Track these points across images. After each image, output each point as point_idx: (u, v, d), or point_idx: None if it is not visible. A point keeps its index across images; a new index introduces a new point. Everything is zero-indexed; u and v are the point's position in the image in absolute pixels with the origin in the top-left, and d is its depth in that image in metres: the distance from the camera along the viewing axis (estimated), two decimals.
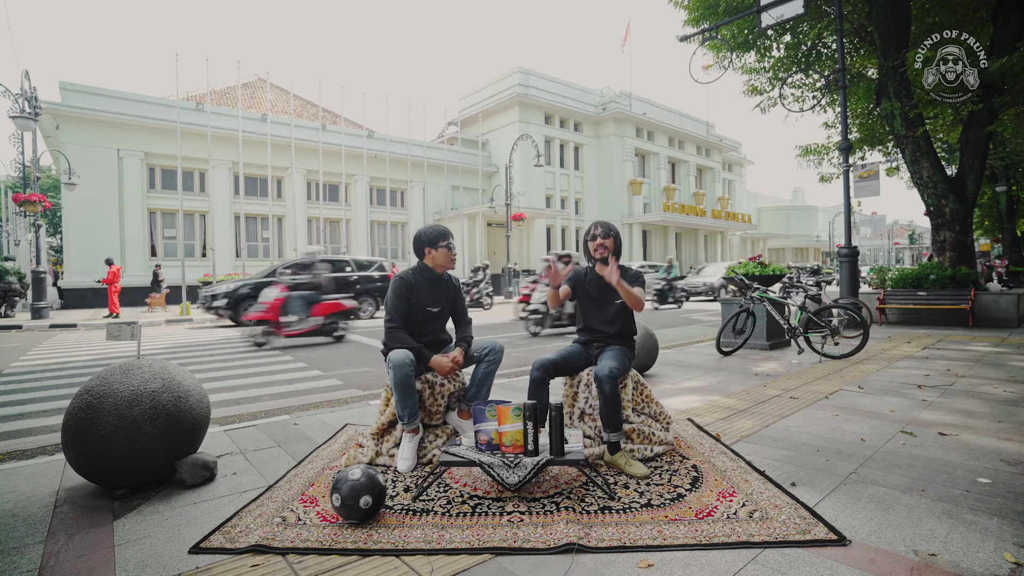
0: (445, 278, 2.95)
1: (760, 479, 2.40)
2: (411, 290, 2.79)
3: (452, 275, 3.02)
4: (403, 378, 2.55)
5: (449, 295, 2.95)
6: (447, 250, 2.85)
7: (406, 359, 2.57)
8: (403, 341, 2.68)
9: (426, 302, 2.83)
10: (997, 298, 8.60)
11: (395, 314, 2.72)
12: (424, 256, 2.86)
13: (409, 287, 2.78)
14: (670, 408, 3.71)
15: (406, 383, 2.57)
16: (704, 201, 36.34)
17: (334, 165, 21.94)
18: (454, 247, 2.88)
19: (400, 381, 2.55)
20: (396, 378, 2.55)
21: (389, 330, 2.72)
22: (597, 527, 1.97)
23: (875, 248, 60.56)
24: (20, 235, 21.79)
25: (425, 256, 2.86)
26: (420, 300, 2.81)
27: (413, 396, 2.62)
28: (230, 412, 4.20)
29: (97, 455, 2.27)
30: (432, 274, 2.88)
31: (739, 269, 6.99)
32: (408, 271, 2.86)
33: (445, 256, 2.85)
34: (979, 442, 2.87)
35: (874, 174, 12.23)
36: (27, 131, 13.29)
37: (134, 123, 18.92)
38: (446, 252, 2.85)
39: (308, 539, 1.92)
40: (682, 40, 10.46)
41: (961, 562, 1.70)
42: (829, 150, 12.48)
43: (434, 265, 2.86)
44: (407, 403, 2.60)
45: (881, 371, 4.97)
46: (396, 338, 2.69)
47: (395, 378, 2.56)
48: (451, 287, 2.97)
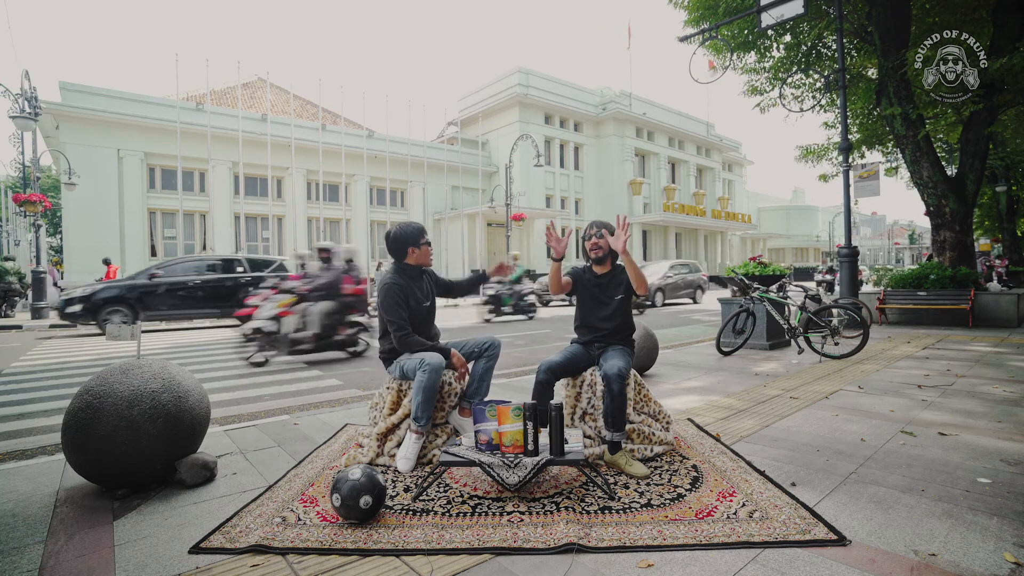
0: (426, 273, 2.99)
1: (760, 479, 2.40)
2: (408, 293, 2.79)
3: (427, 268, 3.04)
4: (436, 382, 2.58)
5: (431, 285, 2.98)
6: (428, 246, 2.88)
7: (442, 363, 2.59)
8: (421, 344, 2.69)
9: (420, 299, 2.85)
10: (997, 298, 8.60)
11: (402, 321, 2.72)
12: (407, 256, 2.86)
13: (405, 291, 2.78)
14: (670, 408, 3.71)
15: (435, 388, 2.59)
16: (704, 201, 36.34)
17: (334, 165, 21.94)
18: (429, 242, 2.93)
19: (431, 385, 2.57)
20: (430, 382, 2.56)
21: (401, 338, 2.70)
22: (597, 527, 1.97)
23: (875, 248, 60.56)
24: (20, 235, 21.78)
25: (408, 256, 2.86)
26: (416, 299, 2.83)
27: (434, 400, 2.65)
28: (230, 412, 4.20)
29: (97, 455, 2.27)
30: (415, 271, 2.89)
31: (739, 269, 6.98)
32: (394, 276, 2.83)
33: (426, 253, 2.88)
34: (979, 442, 2.87)
35: (874, 174, 12.24)
36: (27, 131, 13.29)
37: (134, 123, 18.93)
38: (427, 248, 2.88)
39: (308, 539, 1.91)
40: (682, 40, 10.46)
41: (961, 562, 1.70)
42: (828, 150, 12.49)
43: (417, 263, 2.87)
44: (430, 406, 2.61)
45: (881, 371, 4.97)
46: (412, 343, 2.69)
47: (428, 382, 2.56)
48: (429, 276, 3.01)
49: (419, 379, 2.60)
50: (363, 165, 22.66)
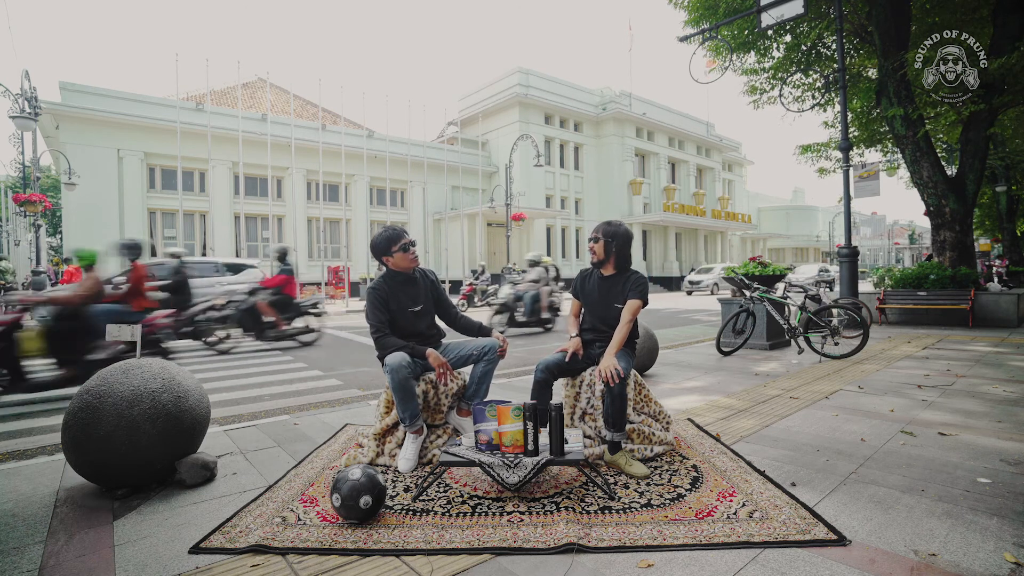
0: (418, 275, 2.93)
1: (760, 479, 2.40)
2: (388, 296, 2.77)
3: (426, 270, 3.01)
4: (401, 381, 2.55)
5: (428, 291, 2.94)
6: (403, 252, 2.79)
7: (402, 361, 2.55)
8: (393, 344, 2.66)
9: (406, 303, 2.82)
10: (997, 298, 8.60)
11: (378, 324, 2.71)
12: (387, 262, 2.84)
13: (384, 295, 2.76)
14: (670, 408, 3.71)
15: (404, 386, 2.56)
16: (704, 201, 36.33)
17: (334, 165, 21.93)
18: (410, 247, 2.82)
19: (399, 385, 2.55)
20: (394, 382, 2.55)
21: (378, 340, 2.70)
22: (597, 527, 1.97)
23: (875, 248, 60.55)
24: (20, 235, 21.78)
25: (387, 262, 2.83)
26: (399, 303, 2.80)
27: (413, 399, 2.62)
28: (230, 412, 4.20)
29: (97, 455, 2.27)
30: (402, 276, 2.85)
31: (739, 269, 6.98)
32: (379, 279, 2.84)
33: (402, 258, 2.80)
34: (979, 442, 2.87)
35: (874, 174, 12.25)
36: (27, 131, 13.31)
37: (134, 123, 18.93)
38: (402, 255, 2.80)
39: (308, 539, 1.91)
40: (682, 40, 10.46)
41: (961, 562, 1.70)
42: (828, 147, 12.47)
43: (397, 268, 2.83)
44: (408, 406, 2.59)
45: (881, 371, 4.97)
46: (387, 344, 2.68)
47: (393, 382, 2.55)
48: (428, 282, 2.96)
49: (387, 380, 2.61)
50: (363, 165, 22.65)
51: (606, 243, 2.79)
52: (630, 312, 2.70)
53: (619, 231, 2.81)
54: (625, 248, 2.83)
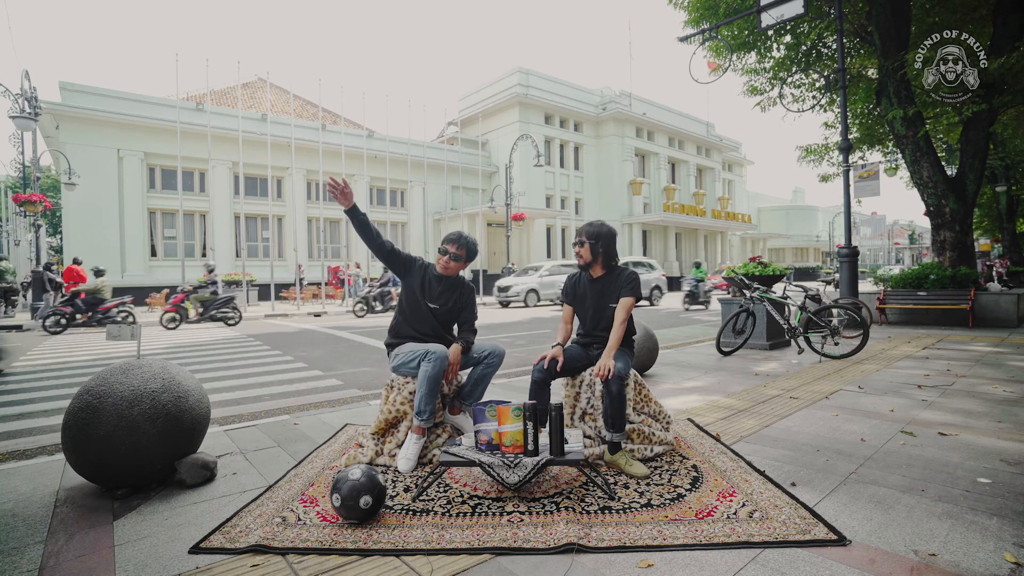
0: (454, 280, 2.96)
1: (760, 479, 2.40)
2: (423, 272, 2.91)
3: (466, 281, 3.04)
4: (439, 373, 2.59)
5: (455, 298, 2.94)
6: (439, 255, 2.92)
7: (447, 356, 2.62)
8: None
9: (429, 295, 2.87)
10: (997, 298, 8.60)
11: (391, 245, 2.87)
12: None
13: (422, 269, 2.92)
14: (670, 408, 3.71)
15: (439, 378, 2.60)
16: (704, 201, 36.34)
17: (334, 165, 21.92)
18: (445, 252, 2.90)
19: (436, 374, 2.57)
20: (434, 370, 2.57)
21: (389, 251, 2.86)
22: (597, 527, 1.97)
23: (875, 248, 60.58)
24: (20, 235, 21.78)
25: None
26: (424, 290, 2.87)
27: (438, 393, 2.65)
28: (230, 412, 4.20)
29: (97, 455, 2.27)
30: (439, 275, 2.93)
31: (739, 269, 6.98)
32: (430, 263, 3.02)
33: (438, 260, 2.93)
34: (979, 442, 2.87)
35: (874, 174, 12.23)
36: (27, 131, 13.30)
37: (134, 123, 18.92)
38: (438, 257, 2.93)
39: (308, 539, 1.91)
40: (682, 40, 10.46)
41: (961, 562, 1.70)
42: (829, 150, 12.49)
43: (439, 266, 2.94)
44: (433, 399, 2.61)
45: (881, 371, 4.97)
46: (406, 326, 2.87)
47: (433, 370, 2.57)
48: (459, 290, 2.96)
49: (424, 369, 2.60)
50: (363, 165, 22.64)
51: (591, 245, 2.78)
52: (624, 310, 2.69)
53: (602, 231, 2.81)
54: (611, 247, 2.84)
